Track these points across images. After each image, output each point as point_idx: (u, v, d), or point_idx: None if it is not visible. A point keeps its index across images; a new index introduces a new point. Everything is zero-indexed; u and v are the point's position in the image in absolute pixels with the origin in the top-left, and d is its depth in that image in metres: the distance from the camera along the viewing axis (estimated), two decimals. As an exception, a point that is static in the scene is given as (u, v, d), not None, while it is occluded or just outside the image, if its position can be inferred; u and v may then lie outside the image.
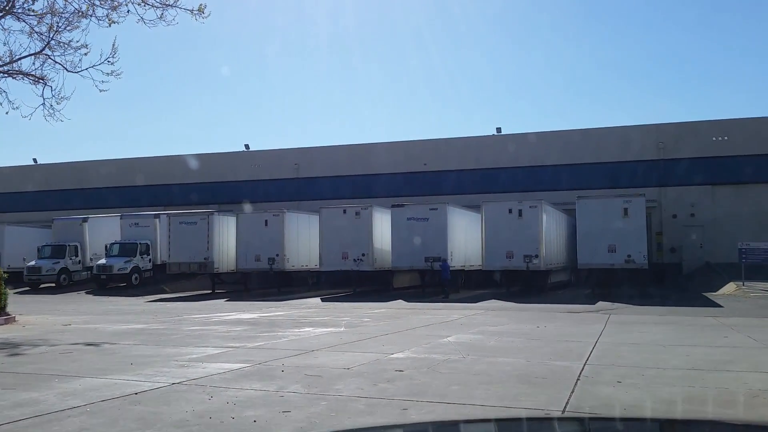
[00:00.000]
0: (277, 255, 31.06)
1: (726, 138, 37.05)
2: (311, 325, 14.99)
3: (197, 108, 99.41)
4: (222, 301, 27.58)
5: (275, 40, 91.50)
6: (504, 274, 28.78)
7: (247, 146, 45.62)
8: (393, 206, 29.70)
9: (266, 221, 31.39)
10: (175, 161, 45.59)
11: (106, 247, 35.91)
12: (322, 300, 26.81)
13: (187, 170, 44.72)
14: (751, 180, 36.56)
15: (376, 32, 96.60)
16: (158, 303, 27.87)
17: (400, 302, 25.10)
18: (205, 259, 31.89)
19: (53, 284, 35.99)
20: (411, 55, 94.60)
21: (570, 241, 33.64)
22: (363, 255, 29.68)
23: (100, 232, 37.20)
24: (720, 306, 21.86)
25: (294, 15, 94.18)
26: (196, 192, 44.74)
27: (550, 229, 29.02)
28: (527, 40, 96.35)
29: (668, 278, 34.25)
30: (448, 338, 12.57)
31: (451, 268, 28.91)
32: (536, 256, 27.54)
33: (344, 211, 30.23)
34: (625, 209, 26.92)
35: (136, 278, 35.28)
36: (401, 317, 17.54)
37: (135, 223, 36.18)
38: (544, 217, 28.06)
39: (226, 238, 32.48)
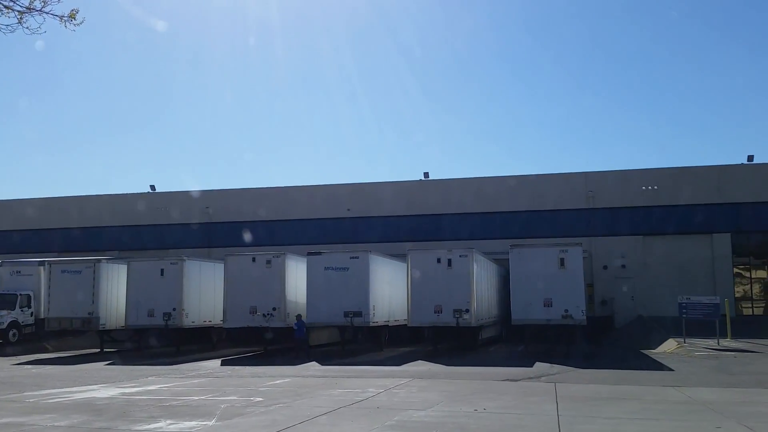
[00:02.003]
0: (174, 309, 26.65)
1: (656, 187, 35.56)
2: (174, 414, 10.95)
3: (102, 148, 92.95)
4: (102, 364, 22.88)
5: (187, 73, 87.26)
6: (432, 330, 25.39)
7: (152, 187, 41.11)
8: (309, 254, 26.03)
9: (162, 270, 27.02)
10: (71, 202, 40.52)
11: (-21, 299, 30.44)
12: (222, 363, 22.56)
13: (84, 213, 39.77)
14: (681, 231, 35.04)
15: (301, 68, 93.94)
16: (28, 366, 22.95)
17: (313, 366, 21.22)
18: (89, 313, 27.11)
19: None
20: (336, 93, 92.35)
21: (501, 293, 30.78)
22: (274, 309, 25.71)
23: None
24: (670, 369, 19.12)
25: (206, 52, 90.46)
26: (94, 237, 39.73)
27: (481, 280, 26.00)
28: (454, 85, 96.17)
29: (601, 333, 31.76)
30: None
31: (373, 323, 25.32)
32: (467, 311, 24.35)
33: (253, 259, 26.30)
34: (562, 260, 24.24)
35: (14, 334, 29.88)
36: (306, 393, 13.76)
37: (17, 271, 30.99)
38: (475, 267, 25.05)
39: (116, 290, 27.84)
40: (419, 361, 22.32)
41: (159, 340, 29.60)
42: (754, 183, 34.84)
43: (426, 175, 38.36)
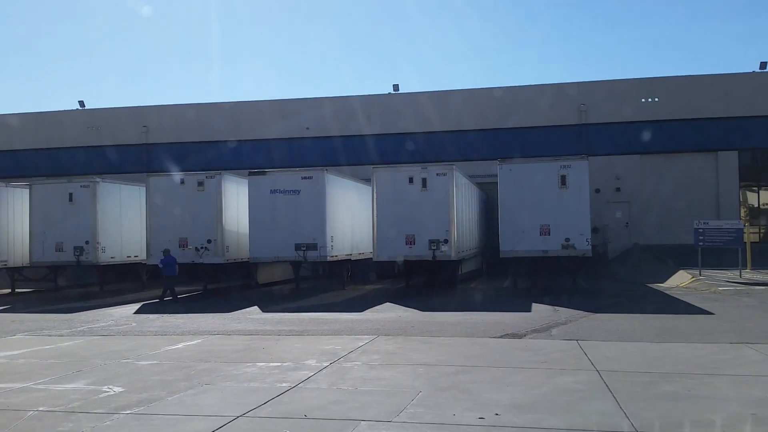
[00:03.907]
0: (87, 242, 21.18)
1: (657, 99, 30.47)
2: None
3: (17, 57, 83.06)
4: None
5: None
6: (404, 264, 20.45)
7: (81, 103, 34.70)
8: (251, 173, 20.59)
9: (71, 195, 21.38)
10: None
11: None
12: (137, 311, 17.35)
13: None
14: (683, 148, 30.28)
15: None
16: None
17: (251, 313, 16.18)
18: (-18, 249, 21.49)
19: None
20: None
21: (483, 220, 25.90)
22: (209, 242, 20.44)
23: None
24: (709, 312, 14.50)
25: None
26: (16, 159, 33.56)
27: (462, 205, 20.99)
28: None
29: (595, 265, 27.25)
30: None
31: (331, 258, 20.26)
32: (446, 242, 19.41)
33: (182, 181, 20.79)
34: (563, 177, 19.22)
35: None
36: (206, 372, 8.67)
37: None
38: (455, 189, 19.95)
39: (20, 220, 22.16)
40: (387, 303, 17.45)
41: (80, 279, 24.32)
42: (767, 94, 29.97)
43: (395, 87, 32.66)
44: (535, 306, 16.07)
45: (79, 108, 34.70)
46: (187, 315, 15.90)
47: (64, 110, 34.51)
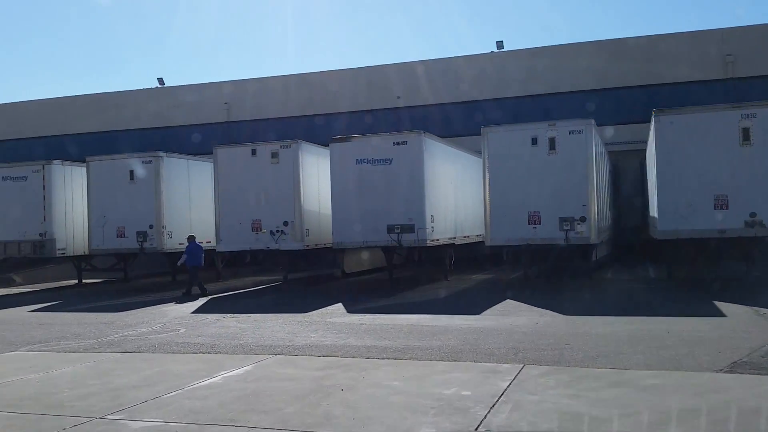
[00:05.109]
0: (151, 227, 18.00)
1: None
2: None
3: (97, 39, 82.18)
4: (26, 309, 14.54)
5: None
6: (526, 250, 15.87)
7: (161, 80, 32.15)
8: (332, 140, 16.60)
9: (132, 172, 18.22)
10: (61, 104, 32.14)
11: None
12: (197, 310, 13.82)
13: (77, 116, 31.45)
14: None
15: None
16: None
17: (335, 311, 12.26)
18: (40, 235, 18.80)
19: None
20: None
21: (613, 194, 20.87)
22: (285, 224, 16.68)
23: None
24: None
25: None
26: (82, 144, 31.48)
27: (600, 172, 16.15)
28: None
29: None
30: None
31: (432, 242, 16.01)
32: (582, 220, 14.65)
33: (253, 152, 17.10)
34: (745, 130, 13.92)
35: None
36: (275, 417, 4.65)
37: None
38: (594, 151, 15.14)
39: (80, 203, 19.35)
40: (508, 301, 13.01)
41: (153, 268, 21.46)
42: None
43: (499, 45, 27.80)
44: (723, 306, 11.19)
45: (159, 86, 32.14)
46: (254, 316, 12.17)
47: (145, 89, 32.02)
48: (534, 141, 15.36)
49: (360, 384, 6.51)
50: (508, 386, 6.16)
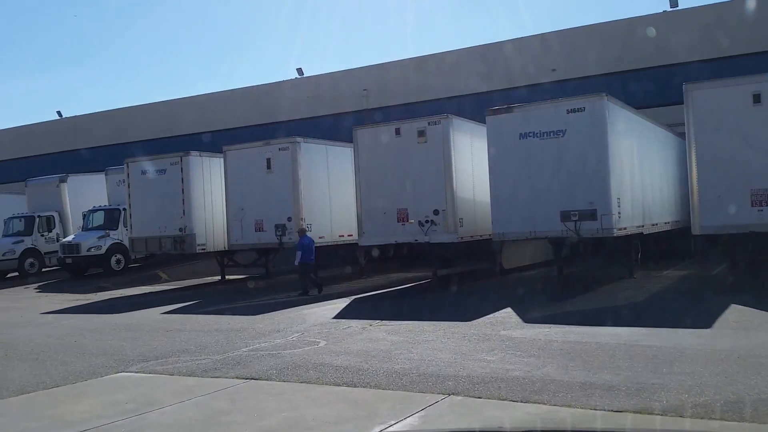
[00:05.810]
0: (289, 220, 16.35)
1: None
2: None
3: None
4: (159, 312, 13.37)
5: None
6: (743, 239, 12.20)
7: (299, 71, 31.13)
8: (490, 112, 13.85)
9: (268, 160, 16.68)
10: (188, 104, 32.06)
11: (83, 216, 23.22)
12: (337, 315, 11.77)
13: (206, 114, 31.22)
14: None
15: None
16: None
17: (504, 319, 9.63)
18: (180, 230, 17.91)
19: (15, 272, 23.80)
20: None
21: None
22: (435, 213, 14.23)
23: (85, 197, 24.36)
24: None
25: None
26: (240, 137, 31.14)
27: None
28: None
29: None
30: None
31: (619, 231, 12.85)
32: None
33: (397, 131, 14.81)
34: None
35: (118, 260, 22.20)
36: None
37: (122, 181, 22.71)
38: None
39: (219, 196, 18.25)
40: (733, 306, 9.61)
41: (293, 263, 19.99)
42: None
43: (673, 3, 23.37)
44: None
45: (298, 77, 31.17)
46: (406, 324, 9.85)
47: (281, 81, 31.23)
48: (757, 98, 11.66)
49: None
50: None
